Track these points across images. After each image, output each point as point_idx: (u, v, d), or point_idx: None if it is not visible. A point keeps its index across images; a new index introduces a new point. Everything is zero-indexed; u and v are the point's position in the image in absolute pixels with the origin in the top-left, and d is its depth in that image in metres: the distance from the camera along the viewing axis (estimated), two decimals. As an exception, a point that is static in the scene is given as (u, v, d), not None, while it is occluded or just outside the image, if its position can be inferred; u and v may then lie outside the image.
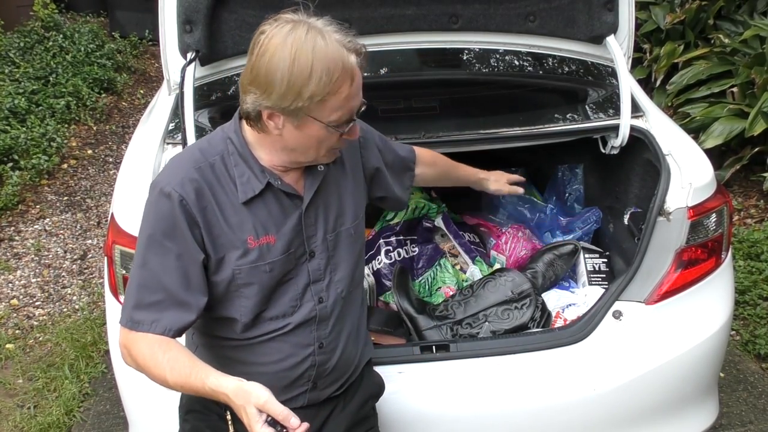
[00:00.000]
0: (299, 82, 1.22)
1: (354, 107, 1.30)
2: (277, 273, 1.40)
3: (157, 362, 1.29)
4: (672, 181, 2.03)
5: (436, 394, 1.87)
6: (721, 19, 4.90)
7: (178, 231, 1.31)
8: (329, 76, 1.22)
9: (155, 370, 1.30)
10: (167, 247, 1.31)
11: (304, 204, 1.41)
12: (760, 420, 2.66)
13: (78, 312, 3.38)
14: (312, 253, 1.43)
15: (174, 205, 1.30)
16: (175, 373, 1.27)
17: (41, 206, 4.30)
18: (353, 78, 1.26)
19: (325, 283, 1.46)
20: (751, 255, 3.61)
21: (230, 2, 2.14)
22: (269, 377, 1.48)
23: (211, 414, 1.56)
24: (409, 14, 2.31)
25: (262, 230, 1.37)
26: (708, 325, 2.00)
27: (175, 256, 1.31)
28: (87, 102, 5.43)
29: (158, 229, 1.32)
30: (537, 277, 2.32)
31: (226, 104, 2.28)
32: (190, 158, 1.37)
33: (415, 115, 2.33)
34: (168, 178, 1.34)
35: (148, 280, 1.33)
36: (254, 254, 1.36)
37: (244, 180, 1.35)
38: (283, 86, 1.22)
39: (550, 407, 1.90)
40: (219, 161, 1.36)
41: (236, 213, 1.35)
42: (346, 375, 1.60)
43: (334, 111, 1.26)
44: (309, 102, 1.24)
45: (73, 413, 2.72)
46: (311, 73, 1.21)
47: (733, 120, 4.11)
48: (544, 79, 2.53)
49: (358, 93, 1.29)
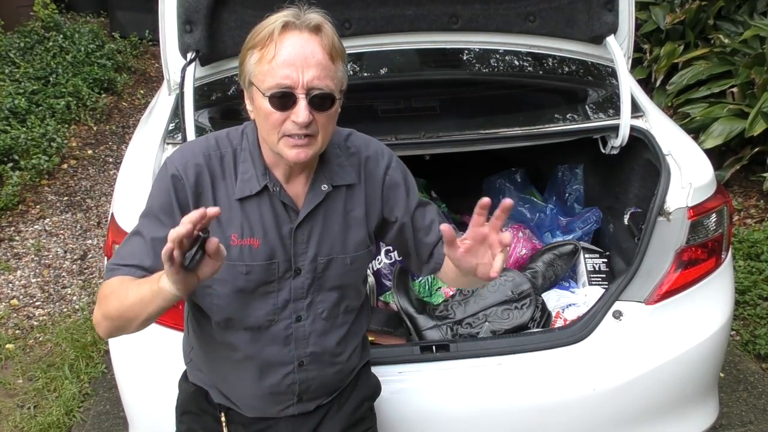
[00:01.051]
0: (243, 47, 1.29)
1: (286, 77, 1.23)
2: (254, 279, 1.37)
3: (111, 284, 1.27)
4: (672, 181, 2.03)
5: (436, 394, 1.87)
6: (721, 19, 4.90)
7: (172, 208, 1.32)
8: (252, 34, 1.27)
9: (112, 298, 1.25)
10: (161, 220, 1.32)
11: (298, 219, 1.38)
12: (760, 420, 2.66)
13: (78, 312, 3.38)
14: (298, 270, 1.40)
15: (172, 183, 1.32)
16: (125, 290, 1.23)
17: (41, 206, 4.30)
18: (274, 40, 1.23)
19: (305, 302, 1.42)
20: (751, 255, 3.61)
21: (230, 2, 2.14)
22: (253, 386, 1.47)
23: (206, 415, 1.56)
24: (409, 14, 2.31)
25: (249, 231, 1.35)
26: (708, 325, 2.01)
27: (165, 227, 1.28)
28: (87, 102, 5.44)
29: (156, 203, 1.34)
30: (537, 277, 2.32)
31: (226, 104, 2.28)
32: (203, 144, 1.38)
33: (415, 115, 2.33)
34: (177, 157, 1.36)
35: (135, 245, 1.33)
36: (234, 252, 1.35)
37: (246, 178, 1.35)
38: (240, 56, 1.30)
39: (550, 407, 1.89)
40: (230, 154, 1.37)
41: (229, 208, 1.35)
42: (335, 387, 1.57)
43: (264, 76, 1.24)
44: (248, 65, 1.27)
45: (73, 413, 2.72)
46: (248, 37, 1.28)
47: (733, 120, 4.12)
48: (544, 79, 2.53)
49: (289, 62, 1.23)
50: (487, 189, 2.88)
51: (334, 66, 1.27)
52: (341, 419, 1.57)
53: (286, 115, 1.25)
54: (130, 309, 1.21)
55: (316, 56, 1.24)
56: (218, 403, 1.54)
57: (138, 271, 1.28)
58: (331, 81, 1.26)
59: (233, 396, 1.52)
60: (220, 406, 1.54)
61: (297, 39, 1.24)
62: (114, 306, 1.24)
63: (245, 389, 1.49)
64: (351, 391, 1.61)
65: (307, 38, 1.24)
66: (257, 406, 1.51)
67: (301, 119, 1.23)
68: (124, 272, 1.28)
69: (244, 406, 1.52)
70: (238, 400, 1.52)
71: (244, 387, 1.48)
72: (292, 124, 1.25)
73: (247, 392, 1.49)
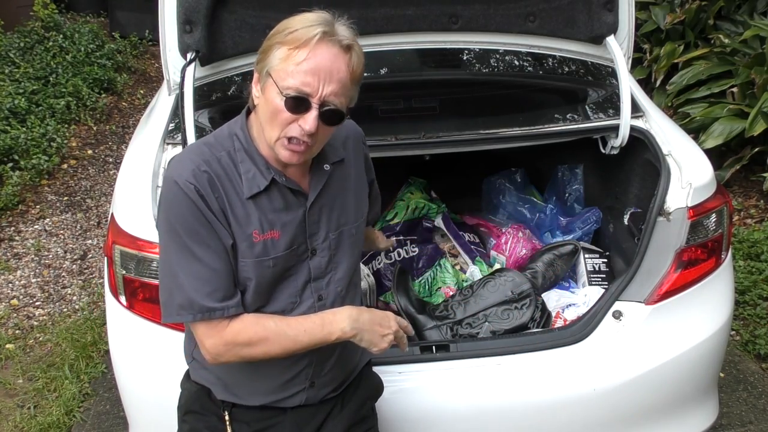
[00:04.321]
0: (271, 36, 1.31)
1: (307, 84, 1.26)
2: (279, 269, 1.41)
3: (270, 329, 1.37)
4: (672, 181, 2.03)
5: (436, 394, 1.87)
6: (721, 19, 4.91)
7: (207, 218, 1.33)
8: (286, 30, 1.28)
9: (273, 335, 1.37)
10: (203, 234, 1.33)
11: (308, 201, 1.42)
12: (760, 420, 2.66)
13: (78, 312, 3.38)
14: (314, 250, 1.45)
15: (193, 196, 1.32)
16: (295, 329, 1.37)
17: (41, 206, 4.31)
18: (309, 46, 1.26)
19: (325, 281, 1.48)
20: (751, 255, 3.61)
21: (230, 2, 2.14)
22: (267, 373, 1.49)
23: (210, 415, 1.56)
24: (409, 14, 2.31)
25: (268, 225, 1.38)
26: (708, 325, 2.01)
27: (213, 240, 1.34)
28: (87, 102, 5.44)
29: (188, 221, 1.33)
30: (537, 277, 2.32)
31: (226, 104, 2.28)
32: (197, 152, 1.38)
33: (415, 115, 2.33)
34: (179, 170, 1.35)
35: (201, 270, 1.34)
36: (258, 249, 1.38)
37: (250, 176, 1.37)
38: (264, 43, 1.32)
39: (550, 407, 1.90)
40: (226, 156, 1.38)
41: (243, 206, 1.37)
42: (345, 374, 1.60)
43: (287, 75, 1.26)
44: (272, 58, 1.29)
45: (73, 413, 2.72)
46: (280, 29, 1.30)
47: (733, 120, 4.12)
48: (544, 79, 2.53)
49: (314, 71, 1.26)
50: (487, 189, 2.88)
51: (351, 86, 1.34)
52: (345, 418, 1.59)
53: (295, 118, 1.29)
54: (299, 350, 1.40)
55: (340, 73, 1.29)
56: (221, 400, 1.54)
57: (242, 307, 1.39)
58: (345, 99, 1.33)
59: (241, 387, 1.52)
60: (224, 404, 1.54)
61: (328, 52, 1.27)
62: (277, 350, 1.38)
63: (259, 375, 1.49)
64: (355, 390, 1.63)
65: (337, 54, 1.29)
66: (268, 393, 1.51)
67: (308, 127, 1.28)
68: (234, 312, 1.37)
69: (252, 396, 1.51)
70: (246, 390, 1.51)
71: (259, 374, 1.49)
72: (298, 129, 1.29)
73: (260, 378, 1.49)
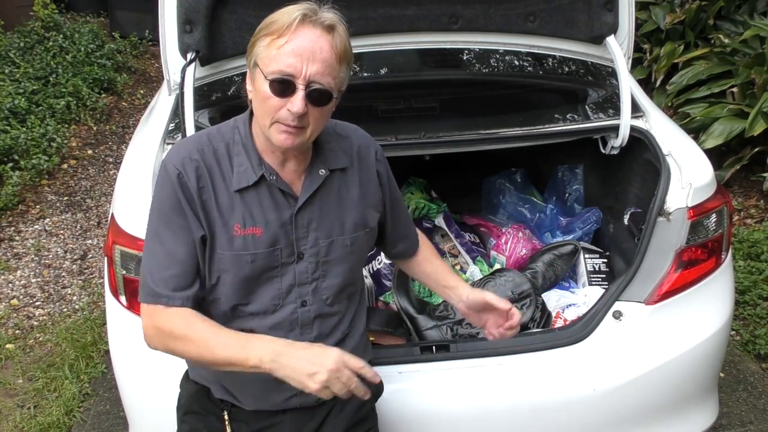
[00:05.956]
0: (257, 31, 1.32)
1: (290, 66, 1.27)
2: (259, 266, 1.41)
3: (195, 329, 1.34)
4: (672, 181, 2.03)
5: (436, 395, 1.87)
6: (721, 19, 4.91)
7: (182, 206, 1.36)
8: (269, 21, 1.29)
9: (194, 336, 1.33)
10: (175, 221, 1.36)
11: (297, 204, 1.41)
12: (760, 420, 2.66)
13: (78, 312, 3.38)
14: (301, 255, 1.44)
15: (174, 181, 1.35)
16: (217, 339, 1.32)
17: (41, 206, 4.31)
18: (290, 30, 1.26)
19: (311, 288, 1.46)
20: (751, 255, 3.61)
21: (230, 2, 2.14)
22: (256, 376, 1.48)
23: (209, 415, 1.56)
24: (409, 14, 2.31)
25: (250, 221, 1.39)
26: (708, 325, 2.00)
27: (183, 229, 1.36)
28: (87, 102, 5.44)
29: (166, 205, 1.37)
30: (537, 277, 2.32)
31: (226, 104, 2.28)
32: (195, 140, 1.42)
33: (415, 115, 2.33)
34: (171, 155, 1.40)
35: (162, 254, 1.37)
36: (239, 243, 1.38)
37: (242, 170, 1.39)
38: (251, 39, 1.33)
39: (550, 407, 1.90)
40: (223, 148, 1.40)
41: (229, 200, 1.38)
42: None
43: (270, 60, 1.28)
44: (257, 48, 1.30)
45: (73, 413, 2.72)
46: (265, 22, 1.31)
47: (733, 120, 4.12)
48: (544, 79, 2.53)
49: (296, 52, 1.27)
50: (487, 189, 2.88)
51: (339, 66, 1.32)
52: (344, 418, 1.58)
53: (283, 103, 1.29)
54: (213, 363, 1.34)
55: (323, 53, 1.28)
56: (220, 399, 1.54)
57: (191, 301, 1.37)
58: (332, 79, 1.31)
59: (236, 388, 1.52)
60: (223, 403, 1.54)
61: (310, 33, 1.27)
62: (194, 353, 1.34)
63: (250, 377, 1.49)
64: None
65: (320, 35, 1.28)
66: (261, 396, 1.51)
67: (295, 109, 1.28)
68: (178, 304, 1.36)
69: (247, 398, 1.52)
70: (241, 391, 1.52)
71: (249, 377, 1.48)
72: (287, 112, 1.29)
73: (251, 380, 1.49)
